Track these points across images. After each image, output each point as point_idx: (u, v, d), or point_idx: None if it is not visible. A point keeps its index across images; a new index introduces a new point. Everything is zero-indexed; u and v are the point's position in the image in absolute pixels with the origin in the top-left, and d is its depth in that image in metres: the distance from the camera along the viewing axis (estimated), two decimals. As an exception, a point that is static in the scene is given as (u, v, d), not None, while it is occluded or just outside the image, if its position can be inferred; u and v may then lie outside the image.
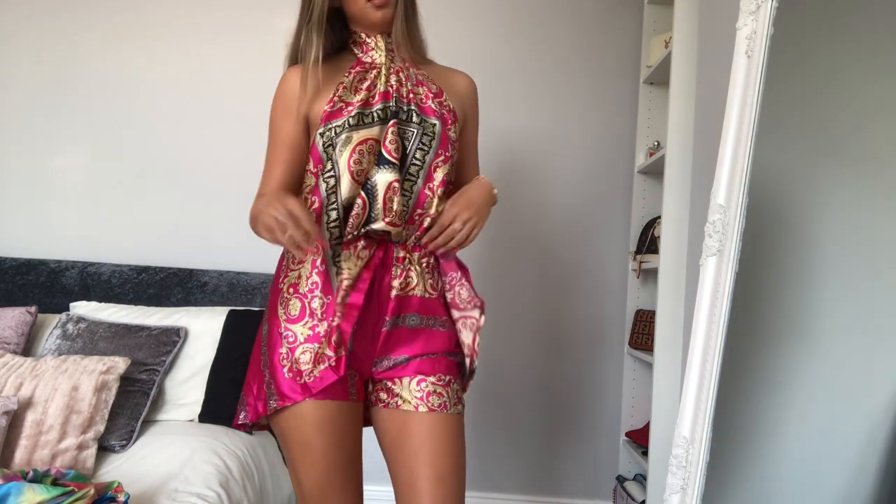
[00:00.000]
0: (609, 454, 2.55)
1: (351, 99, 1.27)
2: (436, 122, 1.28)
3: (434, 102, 1.30)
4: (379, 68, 1.30)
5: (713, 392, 1.22)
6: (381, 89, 1.27)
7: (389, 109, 1.25)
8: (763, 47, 1.22)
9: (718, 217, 1.25)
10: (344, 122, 1.24)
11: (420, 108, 1.28)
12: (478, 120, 1.47)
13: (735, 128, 1.25)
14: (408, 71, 1.32)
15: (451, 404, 1.24)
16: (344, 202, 1.24)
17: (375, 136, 1.24)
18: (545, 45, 2.58)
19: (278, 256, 1.48)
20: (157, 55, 2.61)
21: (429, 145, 1.27)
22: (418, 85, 1.32)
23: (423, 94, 1.30)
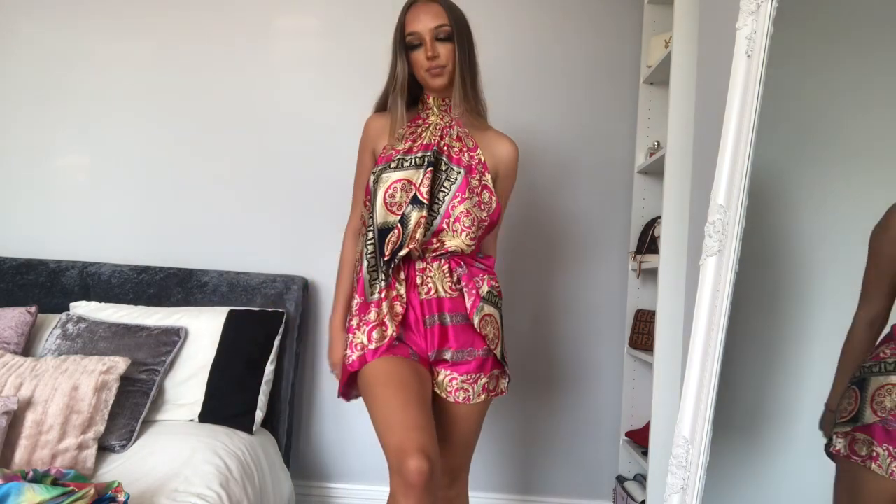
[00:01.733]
0: (609, 454, 2.55)
1: (399, 147, 1.59)
2: (461, 171, 1.57)
3: (465, 155, 1.60)
4: (430, 125, 1.62)
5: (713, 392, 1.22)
6: (425, 142, 1.59)
7: (427, 158, 1.55)
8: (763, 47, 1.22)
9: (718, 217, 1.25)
10: (386, 165, 1.57)
11: (450, 158, 1.59)
12: (512, 182, 1.74)
13: (735, 128, 1.25)
14: (453, 129, 1.62)
15: (473, 396, 1.59)
16: (379, 226, 1.56)
17: (410, 177, 1.54)
18: (545, 45, 2.58)
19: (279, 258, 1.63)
20: (158, 55, 2.61)
21: (449, 189, 1.56)
22: (457, 140, 1.62)
23: (458, 148, 1.61)
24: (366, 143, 1.70)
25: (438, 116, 1.62)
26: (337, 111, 2.58)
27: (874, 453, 1.33)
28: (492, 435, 2.57)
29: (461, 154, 1.60)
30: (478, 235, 1.59)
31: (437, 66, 1.55)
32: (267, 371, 2.22)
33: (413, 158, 1.56)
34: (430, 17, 1.55)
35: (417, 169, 1.54)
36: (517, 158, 1.70)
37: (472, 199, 1.57)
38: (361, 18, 2.58)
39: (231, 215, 2.58)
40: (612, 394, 2.54)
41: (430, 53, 1.54)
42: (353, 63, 2.58)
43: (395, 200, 1.54)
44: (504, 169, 1.67)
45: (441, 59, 1.55)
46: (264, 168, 2.58)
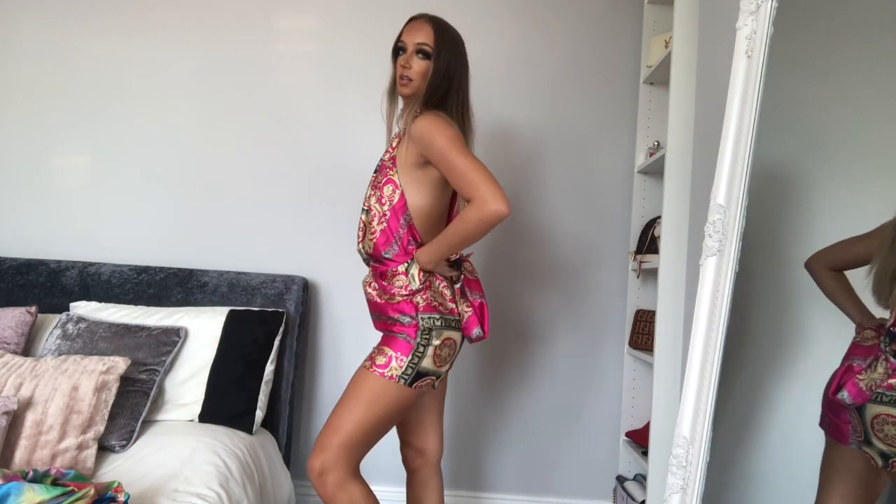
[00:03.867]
0: (609, 454, 2.55)
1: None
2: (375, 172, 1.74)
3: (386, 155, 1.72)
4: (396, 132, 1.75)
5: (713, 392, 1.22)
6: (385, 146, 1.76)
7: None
8: (763, 47, 1.22)
9: (718, 217, 1.25)
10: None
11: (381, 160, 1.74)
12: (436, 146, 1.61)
13: (735, 128, 1.25)
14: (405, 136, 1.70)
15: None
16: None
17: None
18: (545, 45, 2.58)
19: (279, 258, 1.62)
20: (158, 55, 2.61)
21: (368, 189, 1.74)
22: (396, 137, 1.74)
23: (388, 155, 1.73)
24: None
25: (402, 122, 1.72)
26: (337, 111, 2.58)
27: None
28: (492, 434, 2.57)
29: (386, 154, 1.72)
30: (382, 229, 1.65)
31: (406, 77, 1.66)
32: (267, 371, 2.22)
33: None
34: (419, 33, 1.68)
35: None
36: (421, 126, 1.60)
37: (375, 194, 1.68)
38: (362, 19, 2.58)
39: (231, 215, 2.58)
40: (612, 394, 2.54)
41: (402, 62, 1.67)
42: (354, 64, 2.58)
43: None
44: (424, 145, 1.60)
45: (411, 71, 1.66)
46: (264, 168, 2.58)
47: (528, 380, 2.57)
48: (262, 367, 2.21)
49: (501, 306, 2.56)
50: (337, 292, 2.57)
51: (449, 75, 1.68)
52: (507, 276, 2.57)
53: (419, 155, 1.62)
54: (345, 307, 2.56)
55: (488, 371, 2.58)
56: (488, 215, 1.47)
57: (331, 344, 2.58)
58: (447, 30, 1.73)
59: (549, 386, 2.58)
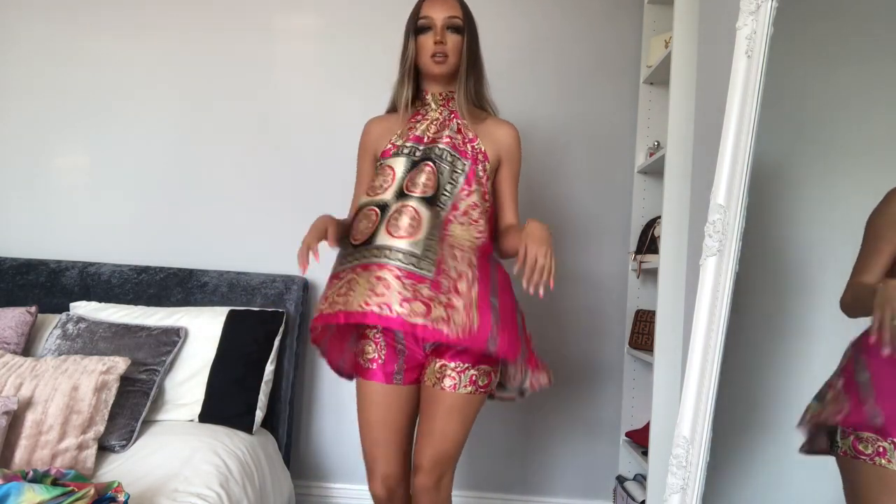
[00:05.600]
0: (609, 454, 2.55)
1: (398, 142, 1.64)
2: (466, 163, 1.60)
3: (468, 146, 1.62)
4: (428, 120, 1.65)
5: (713, 392, 1.22)
6: (417, 133, 1.62)
7: (417, 150, 1.60)
8: (763, 47, 1.22)
9: (718, 217, 1.25)
10: (386, 158, 1.64)
11: (455, 149, 1.61)
12: (517, 164, 1.72)
13: (735, 128, 1.25)
14: (452, 122, 1.64)
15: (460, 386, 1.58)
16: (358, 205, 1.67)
17: (393, 164, 1.61)
18: (545, 45, 2.58)
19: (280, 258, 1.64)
20: (157, 55, 2.60)
21: (456, 181, 1.58)
22: (458, 132, 1.63)
23: (461, 139, 1.62)
24: (366, 146, 1.72)
25: (437, 111, 1.65)
26: (338, 111, 2.58)
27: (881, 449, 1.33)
28: (492, 434, 2.57)
29: (465, 145, 1.62)
30: (486, 228, 1.60)
31: (442, 53, 1.59)
32: (267, 371, 2.22)
33: (402, 147, 1.62)
34: (446, 7, 1.61)
35: (402, 157, 1.61)
36: (518, 140, 1.70)
37: (478, 190, 1.60)
38: (363, 19, 2.58)
39: (231, 215, 2.58)
40: (612, 394, 2.54)
41: (438, 38, 1.58)
42: (354, 63, 2.58)
43: (373, 185, 1.62)
44: (506, 153, 1.68)
45: (448, 46, 1.59)
46: (264, 168, 2.58)
47: (528, 380, 2.56)
48: (262, 367, 2.21)
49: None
50: (337, 292, 2.57)
51: (480, 52, 1.69)
52: (507, 276, 2.57)
53: (497, 159, 1.65)
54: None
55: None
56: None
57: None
58: (466, 4, 1.70)
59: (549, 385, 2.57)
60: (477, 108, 1.68)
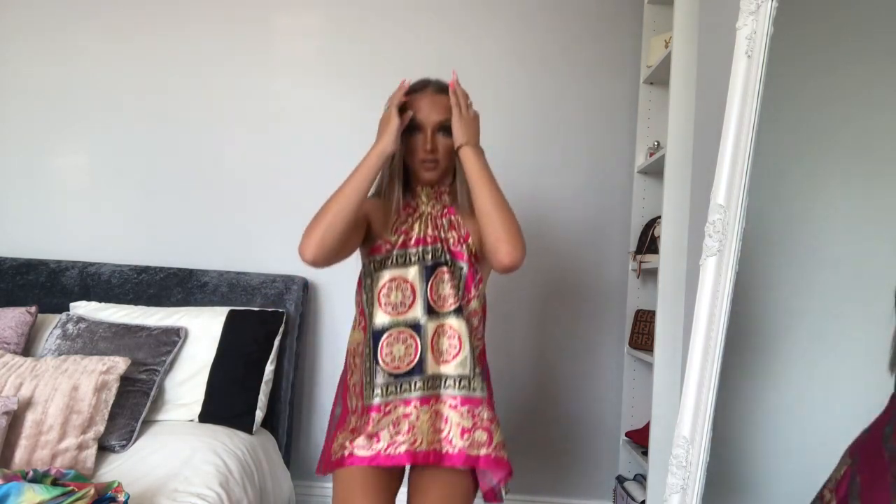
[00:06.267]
0: (609, 454, 2.55)
1: (391, 238, 1.51)
2: (463, 266, 1.50)
3: (462, 246, 1.51)
4: (420, 215, 1.54)
5: (713, 392, 1.22)
6: (419, 234, 1.51)
7: (426, 254, 1.49)
8: (763, 47, 1.22)
9: (718, 217, 1.25)
10: (382, 258, 1.50)
11: (450, 252, 1.51)
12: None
13: (735, 128, 1.25)
14: (444, 219, 1.54)
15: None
16: (374, 328, 1.46)
17: (404, 275, 1.48)
18: (545, 45, 2.58)
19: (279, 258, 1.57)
20: (158, 55, 2.61)
21: (458, 287, 1.49)
22: (451, 229, 1.53)
23: (454, 239, 1.52)
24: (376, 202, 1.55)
25: (429, 205, 1.55)
26: (338, 111, 2.58)
27: None
28: (492, 435, 2.56)
29: (458, 246, 1.52)
30: (483, 332, 1.55)
31: (433, 161, 1.49)
32: (267, 371, 2.22)
33: (407, 254, 1.50)
34: (437, 109, 1.50)
35: (412, 265, 1.49)
36: None
37: (478, 298, 1.52)
38: (363, 18, 2.58)
39: (231, 215, 2.58)
40: (612, 394, 2.54)
41: (428, 146, 1.48)
42: (354, 63, 2.58)
43: (390, 300, 1.47)
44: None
45: (439, 152, 1.50)
46: (264, 168, 2.58)
47: (527, 379, 2.56)
48: (262, 367, 2.21)
49: (501, 305, 2.55)
50: (337, 292, 2.57)
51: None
52: (506, 276, 2.56)
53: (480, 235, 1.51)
54: (345, 307, 2.56)
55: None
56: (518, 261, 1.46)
57: (331, 344, 2.58)
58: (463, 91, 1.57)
59: (548, 385, 2.58)
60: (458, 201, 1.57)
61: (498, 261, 1.41)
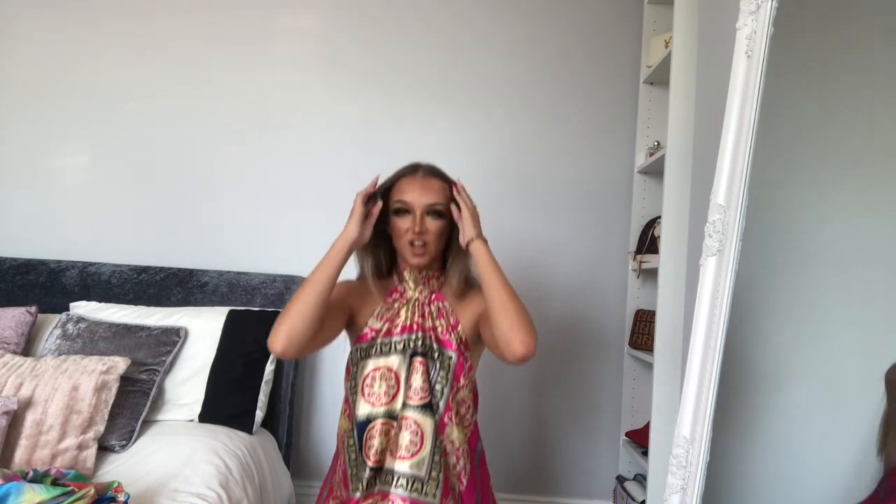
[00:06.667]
0: (609, 454, 2.55)
1: (375, 325, 1.48)
2: (452, 355, 1.45)
3: (451, 334, 1.46)
4: (407, 300, 1.49)
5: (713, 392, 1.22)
6: (405, 322, 1.46)
7: (410, 342, 1.44)
8: (763, 47, 1.22)
9: (718, 217, 1.25)
10: (366, 346, 1.46)
11: (439, 341, 1.45)
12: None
13: (735, 128, 1.25)
14: (433, 305, 1.49)
15: None
16: (358, 418, 1.43)
17: (390, 364, 1.44)
18: (545, 45, 2.58)
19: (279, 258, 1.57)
20: (158, 55, 2.61)
21: (446, 379, 1.43)
22: (439, 317, 1.48)
23: (443, 327, 1.47)
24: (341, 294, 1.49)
25: (415, 290, 1.50)
26: (337, 111, 2.59)
27: None
28: (491, 434, 2.56)
29: (448, 334, 1.46)
30: (473, 419, 1.48)
31: (421, 243, 1.43)
32: (267, 371, 2.22)
33: (392, 342, 1.45)
34: (429, 193, 1.45)
35: (396, 354, 1.44)
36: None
37: (468, 386, 1.47)
38: (363, 20, 2.58)
39: (231, 215, 2.58)
40: (612, 394, 2.54)
41: (417, 228, 1.42)
42: (355, 64, 2.58)
43: (374, 391, 1.42)
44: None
45: (428, 235, 1.44)
46: (264, 168, 2.58)
47: (527, 380, 2.56)
48: (262, 367, 2.21)
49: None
50: (337, 292, 2.57)
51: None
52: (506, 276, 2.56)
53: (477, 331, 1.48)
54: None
55: (488, 371, 2.57)
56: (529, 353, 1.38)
57: (331, 344, 2.57)
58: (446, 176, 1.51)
59: (548, 386, 2.58)
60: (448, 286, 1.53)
61: (512, 351, 1.35)
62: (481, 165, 2.56)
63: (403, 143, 2.58)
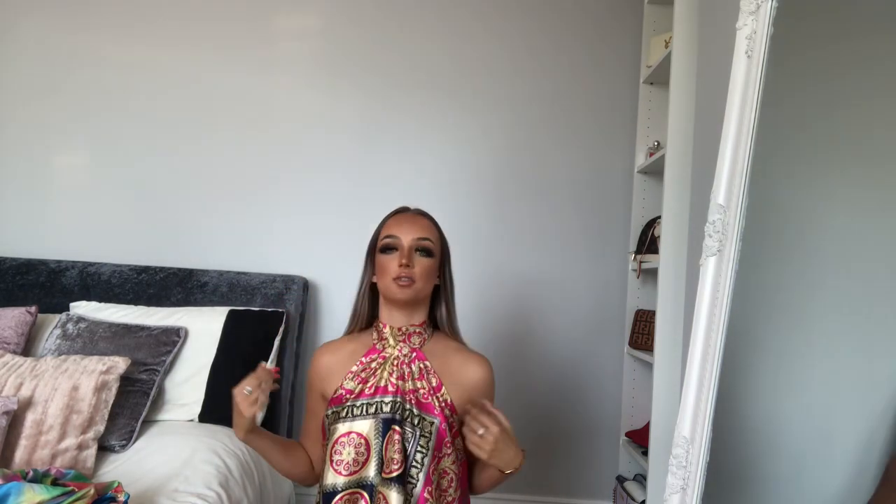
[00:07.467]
0: (609, 454, 2.55)
1: (349, 385, 1.37)
2: (434, 420, 1.33)
3: (433, 398, 1.35)
4: (385, 359, 1.38)
5: (713, 392, 1.22)
6: (381, 383, 1.35)
7: (384, 405, 1.33)
8: (763, 47, 1.22)
9: (718, 217, 1.25)
10: (337, 409, 1.35)
11: (419, 405, 1.34)
12: (491, 399, 1.41)
13: (735, 128, 1.25)
14: (414, 365, 1.37)
15: None
16: (323, 488, 1.31)
17: (360, 430, 1.32)
18: (545, 45, 2.58)
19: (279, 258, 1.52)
20: (158, 55, 2.61)
21: (426, 447, 1.31)
22: (420, 378, 1.36)
23: (425, 390, 1.35)
24: (313, 382, 1.44)
25: (395, 348, 1.38)
26: (337, 111, 2.59)
27: None
28: (492, 435, 2.56)
29: (429, 398, 1.35)
30: (457, 495, 1.36)
31: (408, 277, 1.33)
32: (267, 371, 2.21)
33: (364, 405, 1.33)
34: (417, 228, 1.38)
35: (367, 418, 1.32)
36: (492, 377, 1.42)
37: (454, 454, 1.34)
38: (362, 19, 2.58)
39: (231, 215, 2.58)
40: (612, 394, 2.54)
41: (404, 260, 1.33)
42: (354, 63, 2.58)
43: (342, 458, 1.30)
44: (479, 393, 1.38)
45: (414, 271, 1.34)
46: (264, 167, 2.59)
47: (527, 379, 2.56)
48: (262, 367, 2.21)
49: (501, 305, 2.56)
50: (337, 292, 2.57)
51: (451, 279, 1.46)
52: (506, 276, 2.57)
53: (468, 398, 1.35)
54: (345, 307, 2.55)
55: (488, 371, 2.58)
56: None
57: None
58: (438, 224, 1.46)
59: (548, 386, 2.58)
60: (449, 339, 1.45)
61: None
62: (481, 165, 2.56)
63: (403, 144, 2.58)
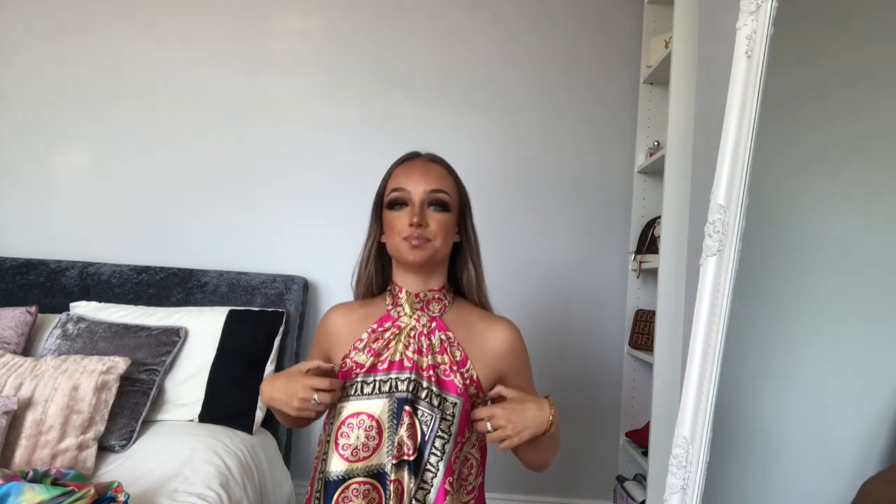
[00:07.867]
0: (609, 454, 2.55)
1: (360, 358, 1.21)
2: (457, 401, 1.18)
3: (456, 376, 1.20)
4: (401, 329, 1.22)
5: (713, 392, 1.22)
6: (395, 357, 1.19)
7: (399, 383, 1.17)
8: (763, 47, 1.22)
9: (718, 217, 1.25)
10: (348, 384, 1.20)
11: (440, 383, 1.18)
12: (524, 366, 1.34)
13: (735, 128, 1.25)
14: (434, 336, 1.22)
15: None
16: (326, 475, 1.17)
17: (371, 410, 1.17)
18: (545, 46, 2.58)
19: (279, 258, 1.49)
20: (157, 55, 2.61)
21: (448, 432, 1.17)
22: (441, 351, 1.21)
23: (447, 366, 1.20)
24: (320, 340, 1.30)
25: (412, 317, 1.23)
26: (337, 111, 2.59)
27: None
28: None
29: (452, 374, 1.20)
30: (477, 483, 1.28)
31: (421, 237, 1.17)
32: (267, 371, 2.22)
33: (375, 381, 1.18)
34: (430, 178, 1.20)
35: (380, 397, 1.17)
36: (520, 341, 1.32)
37: (470, 439, 1.23)
38: (362, 19, 2.58)
39: (231, 215, 2.58)
40: (612, 394, 2.54)
41: (416, 219, 1.16)
42: (353, 63, 2.58)
43: (350, 443, 1.16)
44: (509, 362, 1.29)
45: (430, 229, 1.18)
46: (265, 167, 2.58)
47: (528, 380, 2.56)
48: (262, 367, 2.21)
49: (500, 305, 2.55)
50: (337, 292, 2.57)
51: (475, 234, 1.29)
52: (506, 276, 2.56)
53: (494, 380, 1.24)
54: (345, 307, 2.56)
55: (488, 371, 2.58)
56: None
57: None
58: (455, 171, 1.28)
59: (548, 385, 2.57)
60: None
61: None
62: (481, 165, 2.56)
63: (403, 144, 2.57)
